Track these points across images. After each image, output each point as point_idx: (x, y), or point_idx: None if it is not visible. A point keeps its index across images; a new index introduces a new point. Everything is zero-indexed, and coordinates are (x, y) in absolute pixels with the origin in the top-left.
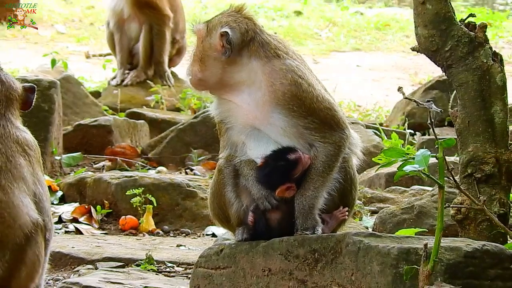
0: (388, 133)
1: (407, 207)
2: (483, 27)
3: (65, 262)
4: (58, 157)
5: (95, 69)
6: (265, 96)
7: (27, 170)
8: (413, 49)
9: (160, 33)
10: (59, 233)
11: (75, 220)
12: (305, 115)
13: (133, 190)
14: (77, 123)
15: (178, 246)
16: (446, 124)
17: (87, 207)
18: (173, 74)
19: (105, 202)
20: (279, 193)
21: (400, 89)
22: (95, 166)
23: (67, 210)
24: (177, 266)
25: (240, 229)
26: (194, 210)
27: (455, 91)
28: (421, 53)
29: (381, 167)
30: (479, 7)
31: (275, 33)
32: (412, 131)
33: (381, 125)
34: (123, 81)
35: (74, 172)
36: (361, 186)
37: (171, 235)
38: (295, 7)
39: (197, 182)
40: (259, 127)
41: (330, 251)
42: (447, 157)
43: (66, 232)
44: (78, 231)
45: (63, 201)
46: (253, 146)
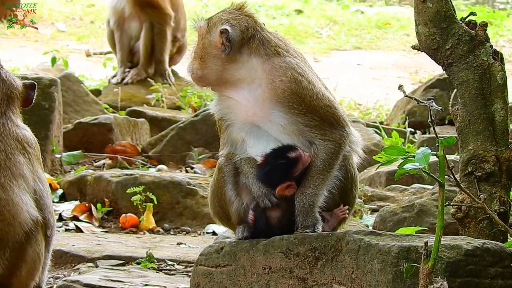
0: (388, 132)
1: (408, 206)
2: (484, 25)
3: (66, 260)
4: (58, 155)
5: (96, 67)
6: (265, 93)
7: (27, 167)
8: (414, 48)
9: (161, 32)
10: (59, 231)
11: (75, 218)
12: (305, 112)
13: (134, 188)
14: (77, 121)
15: (178, 244)
16: (446, 122)
17: (87, 205)
18: (174, 72)
19: (106, 200)
20: (279, 191)
21: (401, 87)
22: (95, 164)
23: (68, 208)
24: (178, 264)
25: (240, 227)
26: (194, 208)
27: (455, 90)
28: (422, 52)
29: (382, 165)
30: (480, 6)
31: (276, 31)
32: (412, 130)
33: (381, 123)
34: (123, 79)
35: (74, 170)
36: (362, 184)
37: (172, 233)
38: (295, 5)
39: (198, 180)
40: (259, 124)
41: (330, 249)
42: (447, 155)
43: (66, 230)
44: (78, 229)
45: (63, 199)
46: (253, 143)
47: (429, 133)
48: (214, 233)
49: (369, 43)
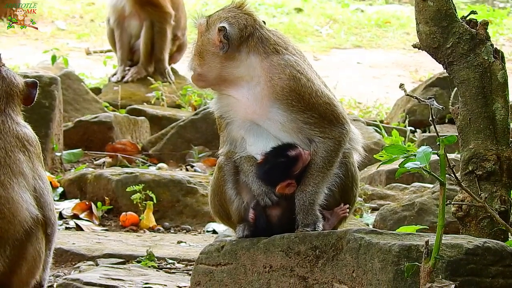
0: (388, 130)
1: (408, 204)
2: (485, 24)
3: (66, 258)
4: (58, 154)
5: (96, 65)
6: (263, 91)
7: (27, 165)
8: (415, 46)
9: (161, 30)
10: (59, 230)
11: (75, 216)
12: (304, 110)
13: (134, 186)
14: (77, 120)
15: (178, 242)
16: (446, 121)
17: (87, 203)
18: (174, 70)
19: (106, 198)
20: (279, 189)
21: (401, 86)
22: (95, 162)
23: (68, 206)
24: (178, 262)
25: (241, 226)
26: (194, 206)
27: (456, 88)
28: (422, 50)
29: (383, 163)
30: (480, 5)
31: (276, 29)
32: (412, 128)
33: (381, 122)
34: (123, 77)
35: (74, 168)
36: (362, 183)
37: (172, 231)
38: (295, 4)
39: (198, 178)
40: (258, 122)
41: (331, 248)
42: (448, 154)
43: (66, 228)
44: (78, 228)
45: (63, 197)
46: (252, 141)
47: (429, 132)
48: (214, 232)
49: (369, 42)
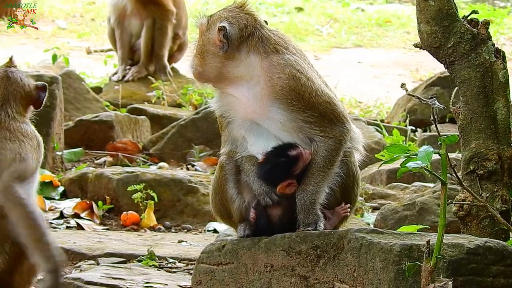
0: (389, 130)
1: (409, 204)
2: (486, 23)
3: (67, 257)
4: (59, 153)
5: (96, 64)
6: (263, 90)
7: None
8: (416, 46)
9: (162, 27)
10: (60, 229)
11: (76, 215)
12: (304, 109)
13: (135, 185)
14: (78, 119)
15: (179, 242)
16: (447, 120)
17: (88, 202)
18: (174, 70)
19: (107, 197)
20: (280, 189)
21: (403, 85)
22: (96, 161)
23: (69, 205)
24: (179, 262)
25: (242, 225)
26: (195, 206)
27: (457, 88)
28: (424, 50)
29: (384, 163)
30: (480, 4)
31: (277, 29)
32: (413, 128)
33: (382, 121)
34: (124, 76)
35: (75, 167)
36: (363, 182)
37: (173, 231)
38: (296, 3)
39: (199, 178)
40: (259, 122)
41: (332, 247)
42: (449, 153)
43: (67, 227)
44: (79, 227)
45: (64, 196)
46: (253, 141)
47: (430, 131)
48: (215, 231)
49: (370, 41)
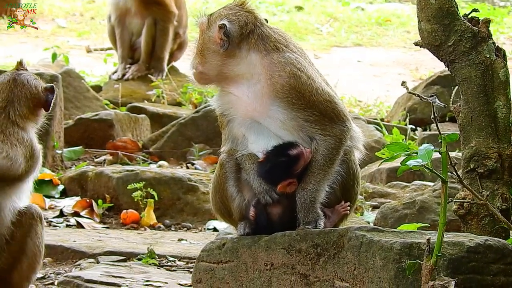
0: (389, 129)
1: (409, 202)
2: (487, 22)
3: (67, 255)
4: (59, 151)
5: (96, 63)
6: (264, 88)
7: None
8: (416, 44)
9: (164, 29)
10: (60, 227)
11: (76, 214)
12: (304, 107)
13: (135, 184)
14: (78, 117)
15: (179, 240)
16: (447, 119)
17: (88, 201)
18: (174, 68)
19: (107, 196)
20: (280, 188)
21: (404, 84)
22: (96, 160)
23: (69, 204)
24: (179, 260)
25: (242, 224)
26: (195, 204)
27: (457, 86)
28: (424, 48)
29: (385, 161)
30: (480, 3)
31: (277, 27)
32: (413, 127)
33: (382, 120)
34: (124, 75)
35: (75, 166)
36: (363, 181)
37: (173, 229)
38: (296, 2)
39: (199, 176)
40: (259, 120)
41: (332, 246)
42: (449, 152)
43: (67, 226)
44: (79, 225)
45: (64, 195)
46: (253, 139)
47: (430, 130)
48: (215, 229)
49: (370, 40)
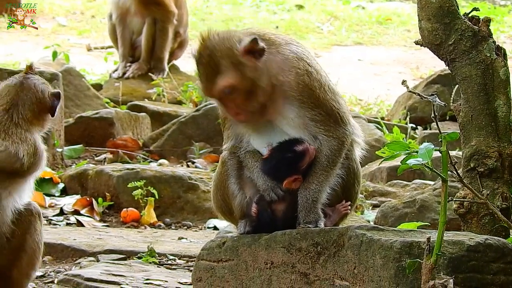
0: (389, 127)
1: (409, 201)
2: (487, 21)
3: (67, 254)
4: (59, 150)
5: (97, 61)
6: (278, 87)
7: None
8: (417, 43)
9: (163, 29)
10: (60, 225)
11: (76, 212)
12: (313, 106)
13: (135, 182)
14: (78, 116)
15: (179, 238)
16: (447, 118)
17: (88, 199)
18: (175, 67)
19: (107, 194)
20: (286, 184)
21: (404, 83)
22: (96, 158)
23: (69, 202)
24: (179, 258)
25: (242, 222)
26: (195, 203)
27: (457, 85)
28: (425, 47)
29: (385, 160)
30: (481, 2)
31: (277, 27)
32: (413, 125)
33: (382, 119)
34: (124, 73)
35: (75, 164)
36: (363, 180)
37: (173, 227)
38: (296, 0)
39: (199, 175)
40: (270, 118)
41: (332, 245)
42: (449, 151)
43: (67, 224)
44: (79, 223)
45: (64, 193)
46: (258, 136)
47: (430, 129)
48: (215, 228)
49: (370, 39)
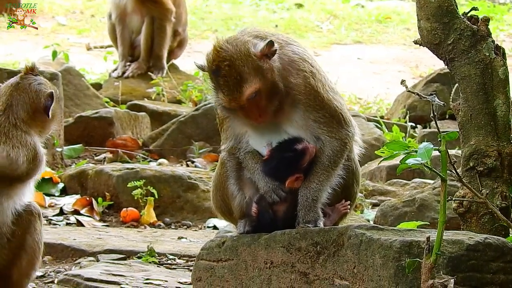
0: (389, 126)
1: (409, 200)
2: (486, 20)
3: (67, 254)
4: (59, 149)
5: (96, 61)
6: (284, 89)
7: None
8: (416, 42)
9: (161, 27)
10: (60, 225)
11: (76, 212)
12: (318, 109)
13: (134, 182)
14: (78, 115)
15: (179, 238)
16: (447, 117)
17: (88, 199)
18: (174, 66)
19: (106, 194)
20: (289, 184)
21: (403, 82)
22: (96, 158)
23: (68, 202)
24: (179, 258)
25: (242, 222)
26: (195, 202)
27: (457, 85)
28: (424, 46)
29: (384, 160)
30: (480, 1)
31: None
32: (413, 124)
33: (382, 118)
34: (124, 73)
35: (75, 164)
36: (362, 179)
37: (172, 227)
38: None
39: (198, 174)
40: (275, 120)
41: (332, 244)
42: (448, 150)
43: (67, 224)
44: (79, 223)
45: (64, 193)
46: (257, 136)
47: (430, 128)
48: (215, 227)
49: (370, 37)
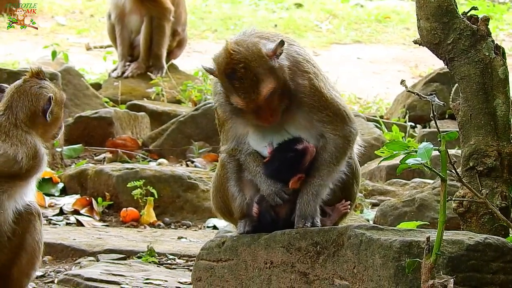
0: (388, 126)
1: (408, 200)
2: (486, 20)
3: (67, 254)
4: (59, 149)
5: (96, 61)
6: (287, 91)
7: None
8: (415, 42)
9: (159, 26)
10: (60, 225)
11: (76, 212)
12: (321, 109)
13: (134, 182)
14: (78, 115)
15: (179, 238)
16: (447, 117)
17: (88, 199)
18: (174, 66)
19: (106, 194)
20: (292, 184)
21: (403, 82)
22: (96, 158)
23: (68, 202)
24: (179, 258)
25: (242, 222)
26: (195, 202)
27: (456, 84)
28: (423, 46)
29: (384, 159)
30: (480, 0)
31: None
32: (412, 124)
33: (381, 117)
34: (123, 73)
35: (75, 164)
36: (362, 178)
37: (172, 227)
38: None
39: (198, 174)
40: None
41: (332, 244)
42: (448, 150)
43: (67, 224)
44: (79, 223)
45: (64, 193)
46: (258, 136)
47: (430, 127)
48: (214, 227)
49: (369, 37)
